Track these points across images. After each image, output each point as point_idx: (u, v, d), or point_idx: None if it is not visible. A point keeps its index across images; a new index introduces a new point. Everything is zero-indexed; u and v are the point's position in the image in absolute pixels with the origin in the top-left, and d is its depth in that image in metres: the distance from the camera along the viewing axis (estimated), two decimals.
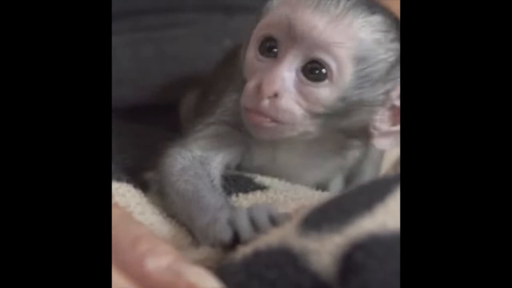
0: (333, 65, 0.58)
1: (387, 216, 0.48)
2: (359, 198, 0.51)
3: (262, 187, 0.64)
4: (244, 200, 0.63)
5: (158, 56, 0.88)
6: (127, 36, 0.87)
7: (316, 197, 0.61)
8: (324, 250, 0.48)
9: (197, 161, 0.64)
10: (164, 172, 0.64)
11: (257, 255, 0.51)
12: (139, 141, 0.76)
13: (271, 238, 0.51)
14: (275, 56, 0.61)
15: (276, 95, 0.59)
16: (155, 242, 0.53)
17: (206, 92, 0.77)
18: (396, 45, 0.60)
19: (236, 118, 0.64)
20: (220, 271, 0.52)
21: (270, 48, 0.61)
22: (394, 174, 0.54)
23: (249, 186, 0.65)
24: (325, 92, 0.59)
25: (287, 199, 0.61)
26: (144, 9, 0.85)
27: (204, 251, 0.55)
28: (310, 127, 0.60)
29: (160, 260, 0.51)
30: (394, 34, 0.60)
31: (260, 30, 0.62)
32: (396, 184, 0.51)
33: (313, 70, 0.59)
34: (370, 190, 0.52)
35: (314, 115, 0.60)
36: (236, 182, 0.65)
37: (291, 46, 0.60)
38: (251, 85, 0.60)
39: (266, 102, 0.59)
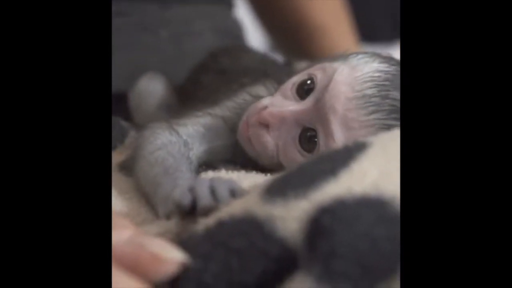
0: (323, 148, 0.59)
1: (351, 181, 0.48)
2: (322, 165, 0.50)
3: (213, 168, 0.64)
4: None
5: None
6: None
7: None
8: (290, 216, 0.47)
9: (182, 141, 0.64)
10: (146, 141, 0.63)
11: (221, 225, 0.50)
12: None
13: (234, 208, 0.50)
14: (302, 100, 0.61)
15: (267, 126, 0.60)
16: (114, 217, 0.51)
17: (195, 78, 0.79)
18: None
19: (236, 119, 0.64)
20: (181, 244, 0.50)
21: (307, 91, 0.61)
22: (353, 143, 0.53)
23: (201, 167, 0.65)
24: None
25: (240, 177, 0.60)
26: None
27: (162, 225, 0.54)
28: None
29: (121, 233, 0.49)
30: None
31: (314, 69, 0.62)
32: (357, 151, 0.51)
33: (312, 138, 0.60)
34: (331, 158, 0.51)
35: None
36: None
37: (319, 102, 0.59)
38: (264, 101, 0.61)
39: (256, 125, 0.61)
